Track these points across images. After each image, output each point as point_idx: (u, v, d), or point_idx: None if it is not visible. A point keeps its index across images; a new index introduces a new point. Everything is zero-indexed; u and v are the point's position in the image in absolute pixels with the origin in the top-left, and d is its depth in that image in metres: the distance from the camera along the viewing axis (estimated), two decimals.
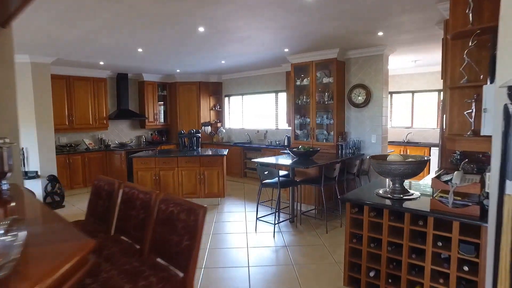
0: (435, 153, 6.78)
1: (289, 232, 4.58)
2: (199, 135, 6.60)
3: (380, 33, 4.60)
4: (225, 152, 6.22)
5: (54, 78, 6.75)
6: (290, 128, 7.32)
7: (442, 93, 4.06)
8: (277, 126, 8.00)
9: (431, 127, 7.65)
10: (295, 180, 4.87)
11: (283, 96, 7.79)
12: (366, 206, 2.69)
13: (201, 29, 4.26)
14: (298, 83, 6.32)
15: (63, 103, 6.98)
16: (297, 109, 6.46)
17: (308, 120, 6.26)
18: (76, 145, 7.35)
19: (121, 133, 8.33)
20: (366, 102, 5.65)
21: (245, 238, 4.40)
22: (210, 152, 6.29)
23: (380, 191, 2.86)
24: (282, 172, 5.18)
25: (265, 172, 4.43)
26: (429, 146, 7.17)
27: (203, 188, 5.92)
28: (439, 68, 4.28)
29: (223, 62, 6.83)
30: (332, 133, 5.93)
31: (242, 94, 8.70)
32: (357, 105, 5.78)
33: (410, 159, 2.74)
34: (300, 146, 5.18)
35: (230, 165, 8.15)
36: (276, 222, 4.75)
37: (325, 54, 5.75)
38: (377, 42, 5.18)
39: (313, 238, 4.34)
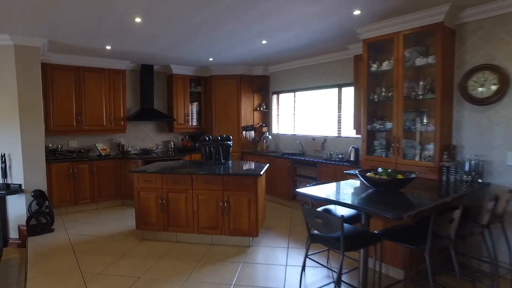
0: None
1: None
2: (230, 143, 4.79)
3: None
4: (263, 169, 4.30)
5: (60, 69, 5.53)
6: (359, 136, 5.18)
7: None
8: (339, 133, 5.88)
9: None
10: (372, 233, 2.76)
11: (349, 92, 5.65)
12: None
13: None
14: (373, 68, 4.18)
15: (71, 99, 5.69)
16: (371, 108, 4.33)
17: (389, 125, 4.09)
18: (87, 150, 6.03)
19: (145, 138, 6.89)
20: (499, 95, 3.32)
21: None
22: (242, 168, 4.43)
23: None
24: (344, 209, 3.13)
25: (318, 220, 2.42)
26: None
27: (227, 221, 4.08)
28: None
29: (264, 42, 4.94)
30: (430, 146, 3.68)
31: (294, 90, 6.72)
32: (478, 101, 3.47)
33: None
34: (379, 169, 3.06)
35: (275, 183, 6.21)
36: None
37: (421, 19, 3.55)
38: None
39: None
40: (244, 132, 7.03)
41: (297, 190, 3.06)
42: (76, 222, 5.14)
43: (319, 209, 3.24)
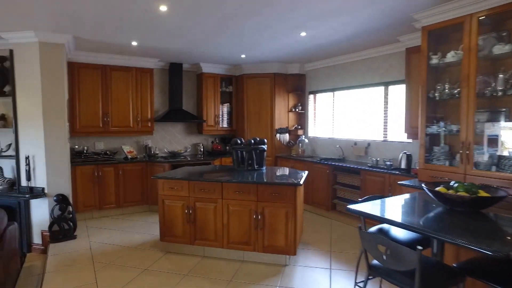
0: None
1: None
2: (264, 147, 4.29)
3: None
4: (303, 177, 3.76)
5: (86, 67, 5.31)
6: (410, 140, 4.54)
7: None
8: (385, 137, 5.22)
9: None
10: (451, 268, 2.13)
11: (397, 90, 4.99)
12: None
13: None
14: (434, 61, 3.53)
15: (97, 99, 5.44)
16: (430, 108, 3.68)
17: (454, 127, 3.42)
18: (114, 153, 5.75)
19: (173, 140, 6.56)
20: None
21: None
22: (278, 175, 3.92)
23: None
24: (401, 231, 2.54)
25: (381, 248, 1.85)
26: None
27: (260, 236, 3.57)
28: None
29: (303, 34, 4.41)
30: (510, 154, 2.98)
31: (333, 90, 6.12)
32: None
33: None
34: (453, 182, 2.43)
35: (311, 191, 5.64)
36: None
37: None
38: None
39: None
40: (278, 135, 6.51)
41: (349, 207, 2.49)
42: (99, 228, 4.85)
43: (373, 229, 2.66)
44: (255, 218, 3.55)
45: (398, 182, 3.72)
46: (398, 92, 4.97)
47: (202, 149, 6.61)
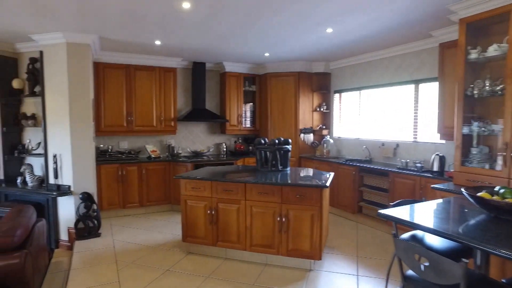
0: None
1: None
2: (288, 147, 4.16)
3: None
4: (329, 179, 3.61)
5: (111, 67, 5.37)
6: (443, 141, 4.30)
7: None
8: (415, 138, 4.96)
9: None
10: (498, 283, 1.93)
11: (429, 88, 4.73)
12: None
13: None
14: (473, 56, 3.29)
15: (121, 99, 5.49)
16: (467, 106, 3.43)
17: (495, 127, 3.17)
18: (137, 152, 5.80)
19: (196, 139, 6.54)
20: None
21: None
22: (303, 176, 3.78)
23: None
24: (436, 239, 2.35)
25: (425, 263, 1.69)
26: None
27: (285, 239, 3.45)
28: None
29: (329, 31, 4.25)
30: None
31: (359, 89, 5.90)
32: None
33: None
34: (498, 187, 2.22)
35: (337, 192, 5.47)
36: None
37: None
38: None
39: None
40: (302, 135, 6.36)
41: (380, 211, 2.33)
42: (123, 227, 4.88)
43: (405, 235, 2.48)
44: (279, 220, 3.44)
45: (431, 186, 3.50)
46: (430, 90, 4.71)
47: (225, 149, 6.56)
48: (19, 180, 4.67)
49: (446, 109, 4.03)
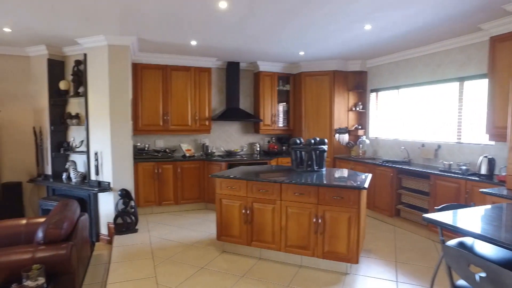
0: None
1: None
2: (324, 147, 4.08)
3: None
4: (367, 180, 3.49)
5: (149, 68, 5.53)
6: (492, 142, 4.03)
7: None
8: (459, 138, 4.69)
9: None
10: None
11: (477, 86, 4.45)
12: None
13: None
14: None
15: (158, 98, 5.64)
16: None
17: None
18: (172, 150, 5.93)
19: (230, 139, 6.59)
20: None
21: None
22: (339, 177, 3.69)
23: None
24: (489, 248, 2.18)
25: (481, 275, 1.57)
26: None
27: (320, 241, 3.37)
28: None
29: (367, 28, 4.11)
30: None
31: (398, 87, 5.68)
32: None
33: None
34: None
35: (373, 195, 5.29)
36: None
37: None
38: None
39: None
40: (337, 135, 6.22)
41: (426, 216, 2.20)
42: (158, 224, 5.00)
43: (452, 242, 2.33)
44: (315, 222, 3.37)
45: (480, 190, 3.28)
46: (477, 88, 4.43)
47: (258, 149, 6.55)
48: (64, 176, 4.94)
49: (497, 108, 3.76)
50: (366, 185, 3.26)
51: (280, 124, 6.65)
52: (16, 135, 5.15)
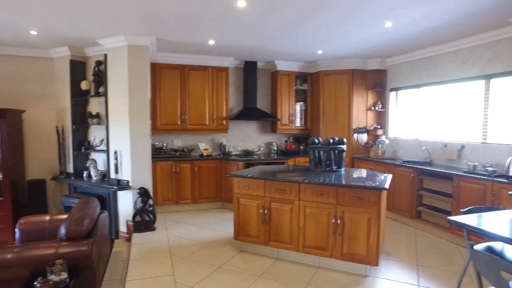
0: None
1: None
2: (343, 147, 4.01)
3: None
4: (387, 181, 3.41)
5: (167, 68, 5.60)
6: None
7: None
8: (485, 139, 4.52)
9: None
10: None
11: (504, 84, 4.28)
12: None
13: None
14: None
15: (176, 98, 5.69)
16: None
17: None
18: (190, 150, 5.98)
19: (247, 138, 6.58)
20: None
21: None
22: (359, 178, 3.62)
23: None
24: None
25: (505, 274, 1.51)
26: None
27: (339, 242, 3.32)
28: None
29: (388, 25, 4.02)
30: None
31: (418, 86, 5.53)
32: None
33: None
34: None
35: (393, 196, 5.18)
36: None
37: None
38: None
39: None
40: (355, 135, 6.12)
41: (451, 218, 2.13)
42: (176, 222, 5.04)
43: (480, 247, 2.24)
44: (334, 222, 3.31)
45: (509, 192, 3.15)
46: (506, 86, 4.26)
47: (275, 148, 6.52)
48: (85, 174, 5.05)
49: None
50: (387, 185, 3.19)
51: (298, 124, 6.60)
52: (40, 134, 5.31)
